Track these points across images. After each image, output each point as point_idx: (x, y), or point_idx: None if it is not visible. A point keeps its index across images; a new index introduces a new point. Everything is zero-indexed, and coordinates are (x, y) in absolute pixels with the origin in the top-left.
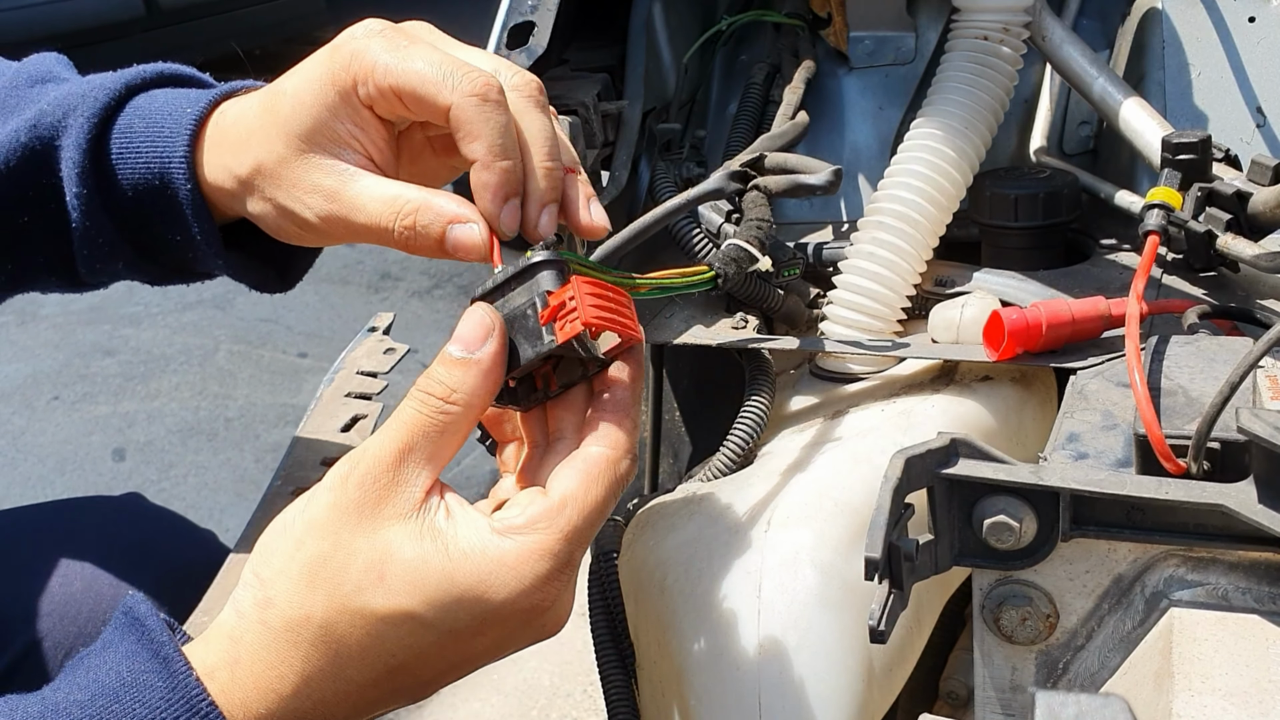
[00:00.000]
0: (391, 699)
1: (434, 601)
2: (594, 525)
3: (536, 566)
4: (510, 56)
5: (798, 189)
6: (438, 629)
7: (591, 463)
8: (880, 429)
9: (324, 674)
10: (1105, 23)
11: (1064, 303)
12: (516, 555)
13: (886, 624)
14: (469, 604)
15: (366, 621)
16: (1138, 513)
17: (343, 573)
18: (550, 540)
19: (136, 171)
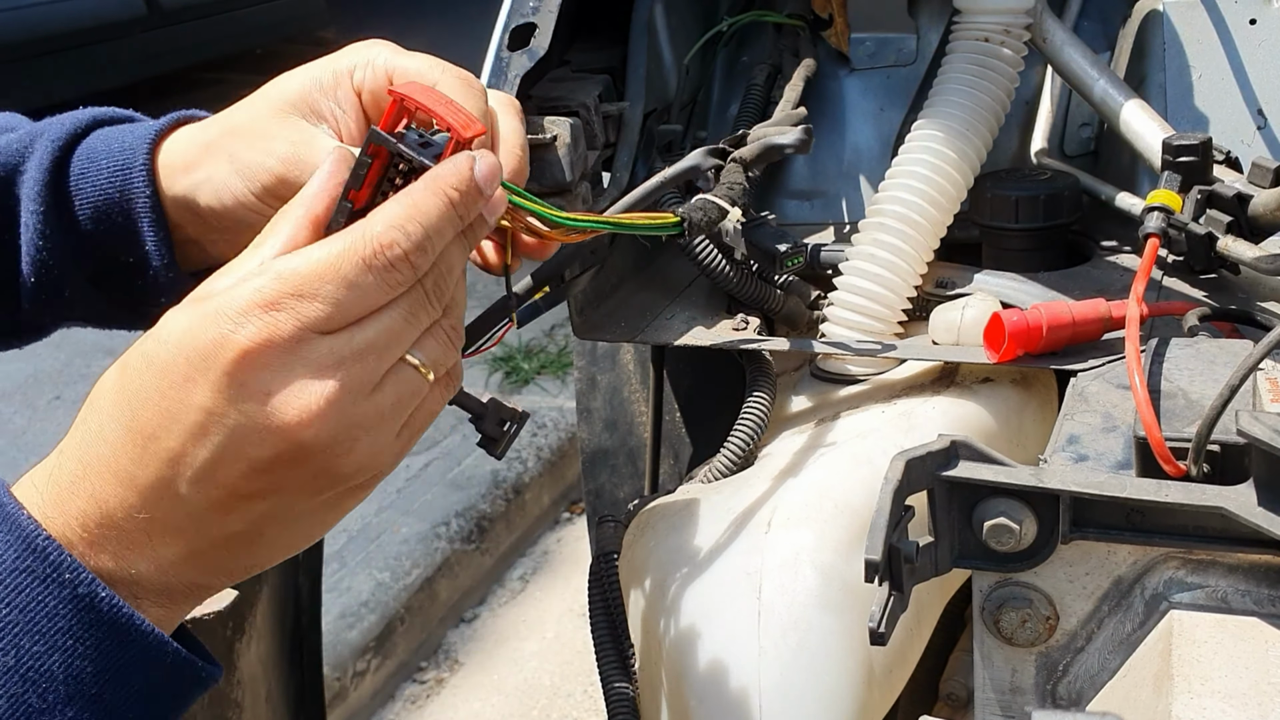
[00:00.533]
0: (145, 471)
1: (166, 341)
2: (323, 281)
3: (235, 301)
4: (512, 58)
5: (769, 150)
6: (156, 369)
7: (345, 229)
8: (881, 430)
9: (88, 439)
10: (1106, 25)
11: (1064, 305)
12: (229, 291)
13: (886, 626)
14: (181, 339)
15: (120, 369)
16: (1137, 515)
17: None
18: (261, 279)
19: (97, 186)
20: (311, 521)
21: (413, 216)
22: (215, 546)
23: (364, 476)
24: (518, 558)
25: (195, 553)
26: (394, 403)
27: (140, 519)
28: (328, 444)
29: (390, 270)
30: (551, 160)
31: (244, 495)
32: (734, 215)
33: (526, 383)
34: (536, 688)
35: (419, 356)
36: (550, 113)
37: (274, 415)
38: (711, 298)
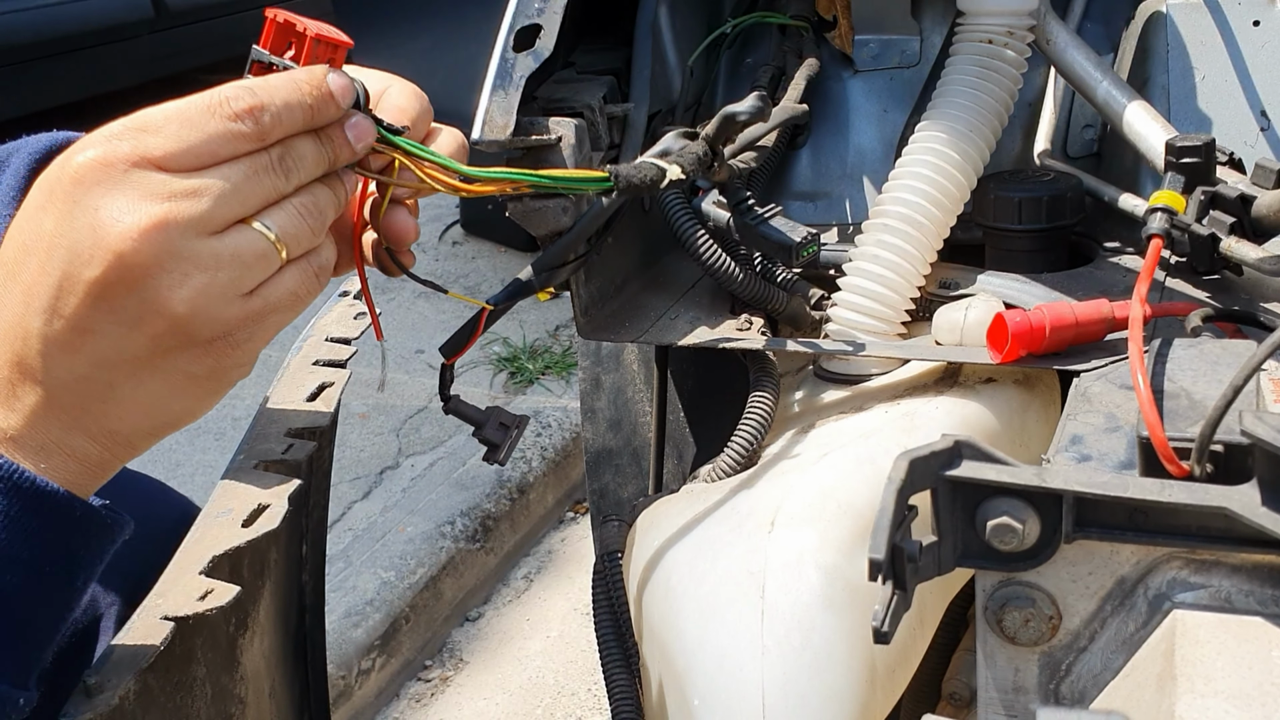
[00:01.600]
0: (10, 298)
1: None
2: (166, 119)
3: (90, 136)
4: (517, 59)
5: (726, 122)
6: (44, 177)
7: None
8: (884, 430)
9: None
10: (1109, 26)
11: (1067, 305)
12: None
13: (890, 625)
14: (47, 175)
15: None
16: (1140, 515)
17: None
18: (145, 112)
19: None
20: (165, 382)
21: (262, 85)
22: (68, 393)
23: (205, 330)
24: (522, 557)
25: (53, 402)
26: (233, 254)
27: (2, 363)
28: (154, 270)
29: (234, 119)
30: (556, 161)
31: (83, 329)
32: (673, 173)
33: (531, 383)
34: (541, 686)
35: (266, 223)
36: (555, 114)
37: (99, 230)
38: (715, 298)
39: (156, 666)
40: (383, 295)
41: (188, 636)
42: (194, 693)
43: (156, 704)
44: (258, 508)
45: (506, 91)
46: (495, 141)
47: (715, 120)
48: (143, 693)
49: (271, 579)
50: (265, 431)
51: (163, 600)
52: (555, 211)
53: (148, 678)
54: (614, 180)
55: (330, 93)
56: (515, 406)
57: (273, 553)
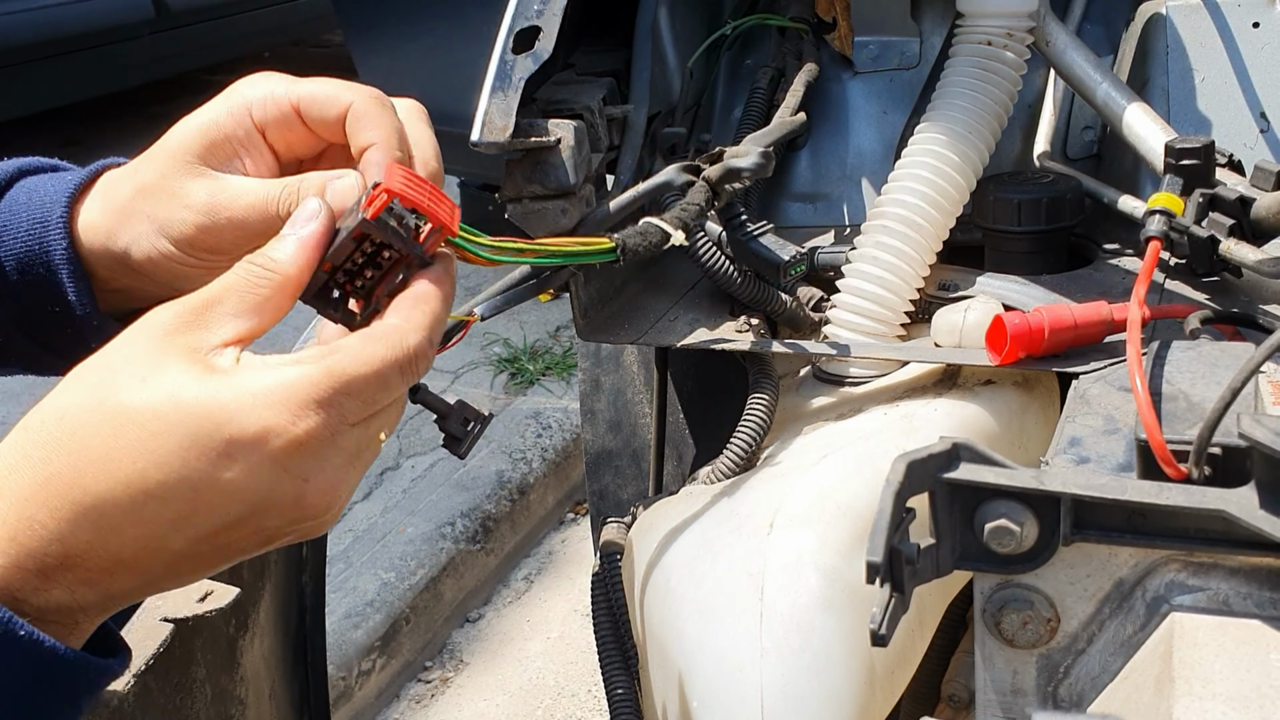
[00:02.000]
0: (135, 532)
1: (184, 404)
2: (367, 382)
3: (294, 389)
4: (516, 61)
5: (729, 173)
6: (181, 433)
7: (378, 327)
8: (883, 432)
9: (61, 478)
10: (1109, 28)
11: (1066, 307)
12: (279, 377)
13: (888, 627)
14: (217, 414)
15: (116, 421)
16: (1139, 517)
17: (111, 374)
18: (314, 371)
19: (17, 239)
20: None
21: (434, 325)
22: (173, 579)
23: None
24: (522, 558)
25: (149, 583)
26: (367, 464)
27: (108, 562)
28: (337, 515)
29: (415, 375)
30: (555, 163)
31: (231, 548)
32: (677, 239)
33: (531, 384)
34: (541, 687)
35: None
36: (554, 115)
37: (304, 499)
38: (715, 300)
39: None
40: None
41: (187, 638)
42: (194, 694)
43: (156, 705)
44: None
45: (506, 93)
46: (494, 143)
47: (718, 169)
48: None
49: (272, 580)
50: None
51: (162, 602)
52: (554, 213)
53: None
54: (619, 250)
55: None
56: (516, 407)
57: (273, 554)
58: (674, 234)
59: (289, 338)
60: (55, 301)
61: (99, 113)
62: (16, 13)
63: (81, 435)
